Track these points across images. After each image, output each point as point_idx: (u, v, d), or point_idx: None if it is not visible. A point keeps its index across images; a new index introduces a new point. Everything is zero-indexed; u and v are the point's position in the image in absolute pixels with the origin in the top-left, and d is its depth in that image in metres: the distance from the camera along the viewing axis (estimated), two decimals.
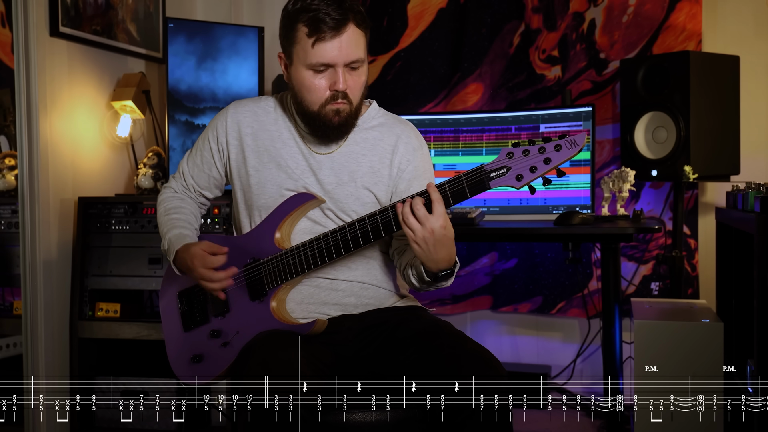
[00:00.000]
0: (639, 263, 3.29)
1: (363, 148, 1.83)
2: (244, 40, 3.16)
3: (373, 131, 1.85)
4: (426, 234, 1.60)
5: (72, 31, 2.85)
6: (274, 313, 1.77)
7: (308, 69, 1.70)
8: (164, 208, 1.96)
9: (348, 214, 1.81)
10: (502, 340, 3.56)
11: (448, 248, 1.65)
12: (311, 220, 1.82)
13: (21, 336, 2.73)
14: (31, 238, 2.71)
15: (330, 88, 1.71)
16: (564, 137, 1.57)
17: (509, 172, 1.58)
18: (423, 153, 1.89)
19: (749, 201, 2.43)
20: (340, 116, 1.74)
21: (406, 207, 1.62)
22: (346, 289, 1.82)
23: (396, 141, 1.84)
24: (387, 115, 1.91)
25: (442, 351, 1.66)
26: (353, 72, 1.72)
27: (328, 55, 1.68)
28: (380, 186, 1.83)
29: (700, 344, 2.45)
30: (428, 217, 1.60)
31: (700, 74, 2.85)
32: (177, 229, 1.89)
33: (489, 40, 3.45)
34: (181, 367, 1.90)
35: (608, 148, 3.31)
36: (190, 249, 1.80)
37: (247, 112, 1.87)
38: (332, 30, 1.66)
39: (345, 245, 1.70)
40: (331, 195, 1.81)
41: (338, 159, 1.82)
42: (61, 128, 2.84)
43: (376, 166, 1.83)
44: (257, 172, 1.83)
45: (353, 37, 1.69)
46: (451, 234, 1.64)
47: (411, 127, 1.90)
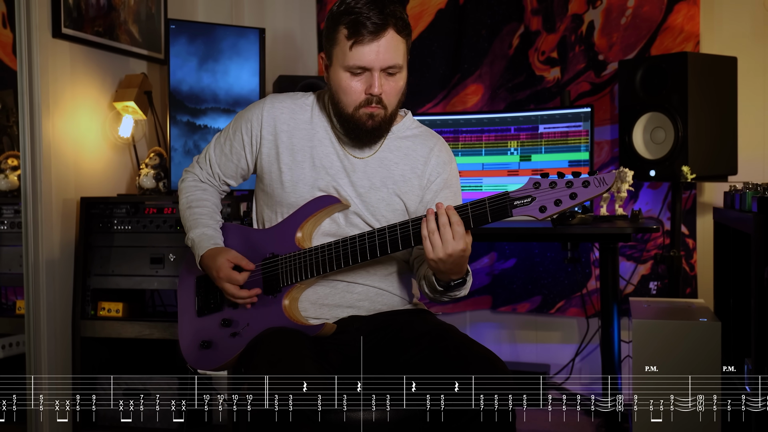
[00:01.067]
0: (637, 263, 3.30)
1: (397, 156, 1.85)
2: (245, 41, 3.17)
3: (407, 141, 1.87)
4: (445, 255, 1.61)
5: (74, 32, 2.87)
6: (285, 311, 1.79)
7: (345, 71, 1.72)
8: (186, 199, 1.97)
9: (377, 218, 1.83)
10: (501, 340, 3.58)
11: (462, 266, 1.67)
12: (335, 223, 1.83)
13: (24, 335, 2.74)
14: (34, 238, 2.72)
15: (365, 92, 1.73)
16: (594, 174, 1.56)
17: (533, 202, 1.57)
18: (452, 167, 1.91)
19: (747, 201, 2.44)
20: (374, 120, 1.75)
21: (431, 224, 1.61)
22: (361, 293, 1.84)
23: (429, 153, 1.86)
24: (421, 127, 1.92)
25: (449, 352, 1.68)
26: (390, 77, 1.73)
27: (366, 59, 1.69)
28: (410, 195, 1.85)
29: (698, 343, 2.47)
30: (450, 241, 1.60)
31: (698, 75, 2.87)
32: (200, 227, 1.90)
33: (488, 42, 3.47)
34: (191, 349, 1.92)
35: (607, 149, 3.33)
36: (217, 259, 1.81)
37: (284, 108, 1.87)
38: (371, 34, 1.67)
39: (362, 253, 1.71)
40: (363, 198, 1.82)
41: (372, 164, 1.83)
42: (64, 129, 2.85)
43: (408, 175, 1.84)
44: (290, 170, 1.83)
45: (392, 42, 1.70)
46: (468, 254, 1.65)
47: (443, 142, 1.92)
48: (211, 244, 1.86)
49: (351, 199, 1.82)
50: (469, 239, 1.63)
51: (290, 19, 3.78)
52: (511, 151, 3.07)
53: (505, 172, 3.06)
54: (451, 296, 1.77)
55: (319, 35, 3.70)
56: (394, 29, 1.70)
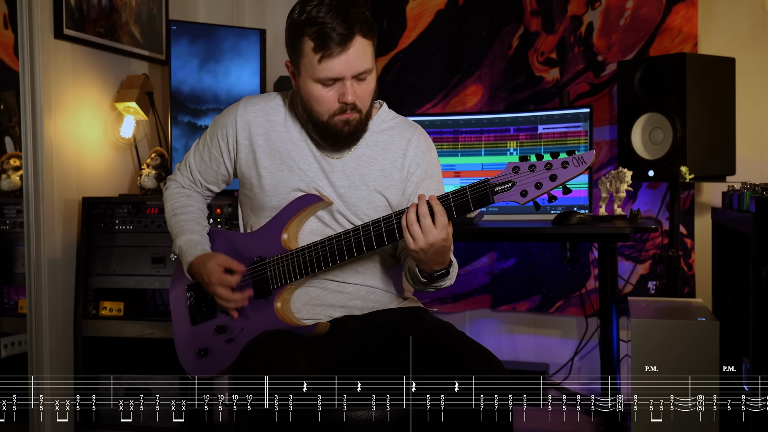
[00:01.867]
0: (636, 262, 3.32)
1: (374, 152, 1.83)
2: (246, 42, 3.18)
3: (384, 135, 1.85)
4: (426, 245, 1.61)
5: (76, 33, 2.88)
6: (278, 314, 1.78)
7: (316, 82, 1.69)
8: (171, 206, 1.95)
9: (360, 217, 1.81)
10: (500, 339, 3.59)
11: (444, 255, 1.66)
12: (321, 221, 1.82)
13: (26, 334, 2.75)
14: (36, 238, 2.73)
15: (339, 100, 1.70)
16: (572, 154, 1.53)
17: (514, 187, 1.56)
18: (432, 156, 1.88)
19: (745, 201, 2.44)
20: (350, 125, 1.74)
21: (411, 214, 1.61)
22: (352, 293, 1.83)
23: (406, 144, 1.84)
24: (397, 117, 1.90)
25: (446, 352, 1.67)
26: (361, 82, 1.71)
27: (336, 69, 1.66)
28: (392, 189, 1.83)
29: (697, 342, 2.47)
30: (431, 228, 1.60)
31: (696, 76, 2.88)
32: (187, 234, 1.88)
33: (488, 43, 3.48)
34: (188, 358, 1.91)
35: (606, 149, 3.34)
36: (207, 265, 1.79)
37: (258, 111, 1.84)
38: (339, 45, 1.63)
39: (349, 250, 1.70)
40: (344, 198, 1.80)
41: (350, 162, 1.81)
42: (66, 129, 2.87)
43: (388, 169, 1.83)
44: (270, 173, 1.82)
45: (360, 48, 1.66)
46: (450, 244, 1.64)
47: (420, 130, 1.90)
48: (199, 251, 1.84)
49: (333, 200, 1.81)
50: (450, 229, 1.62)
51: None
52: (510, 151, 3.08)
53: None
54: (436, 287, 1.76)
55: None
56: (360, 34, 1.66)
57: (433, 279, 1.72)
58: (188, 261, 1.85)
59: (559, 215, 2.74)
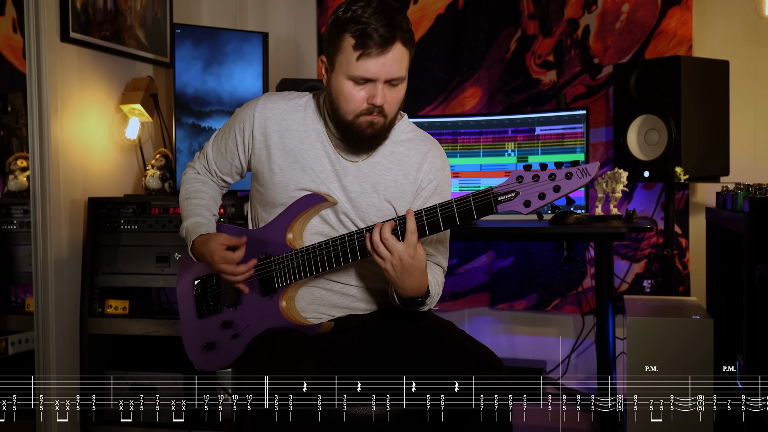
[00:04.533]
0: (632, 261, 3.34)
1: (389, 161, 1.83)
2: (249, 45, 3.21)
3: (401, 146, 1.85)
4: (394, 261, 1.63)
5: (82, 36, 2.91)
6: (283, 312, 1.80)
7: (349, 79, 1.69)
8: (186, 190, 1.97)
9: (366, 222, 1.82)
10: (498, 337, 3.62)
11: (417, 278, 1.67)
12: (326, 223, 1.82)
13: (33, 332, 2.78)
14: (43, 237, 2.76)
15: (367, 101, 1.70)
16: (576, 165, 1.53)
17: (517, 197, 1.56)
18: (446, 174, 1.88)
19: (738, 201, 2.46)
20: (374, 128, 1.74)
21: (375, 234, 1.63)
22: (356, 295, 1.85)
23: (422, 159, 1.84)
24: (416, 130, 1.90)
25: (446, 350, 1.69)
26: (392, 88, 1.71)
27: (372, 71, 1.67)
28: (401, 201, 1.83)
29: (691, 340, 2.50)
30: (396, 246, 1.62)
31: (691, 78, 2.90)
32: (194, 216, 1.89)
33: (486, 46, 3.52)
34: (195, 351, 1.93)
35: (602, 150, 3.38)
36: (209, 244, 1.80)
37: (276, 109, 1.84)
38: (378, 47, 1.65)
39: (353, 252, 1.72)
40: (354, 203, 1.81)
41: (364, 168, 1.81)
42: (72, 131, 2.89)
43: (400, 181, 1.83)
44: (282, 171, 1.82)
45: (398, 55, 1.67)
46: (420, 264, 1.65)
47: (438, 147, 1.89)
48: (202, 231, 1.85)
49: (341, 203, 1.81)
50: (421, 251, 1.64)
51: (292, 24, 3.83)
52: (508, 152, 3.11)
53: (502, 173, 3.10)
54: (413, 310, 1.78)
55: (318, 39, 3.75)
56: (401, 42, 1.67)
57: (406, 304, 1.75)
58: (191, 240, 1.86)
59: (556, 215, 2.76)
